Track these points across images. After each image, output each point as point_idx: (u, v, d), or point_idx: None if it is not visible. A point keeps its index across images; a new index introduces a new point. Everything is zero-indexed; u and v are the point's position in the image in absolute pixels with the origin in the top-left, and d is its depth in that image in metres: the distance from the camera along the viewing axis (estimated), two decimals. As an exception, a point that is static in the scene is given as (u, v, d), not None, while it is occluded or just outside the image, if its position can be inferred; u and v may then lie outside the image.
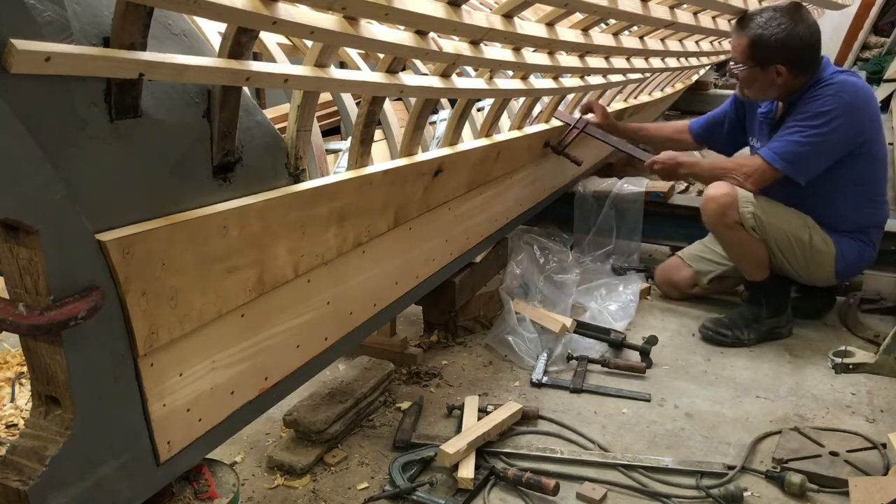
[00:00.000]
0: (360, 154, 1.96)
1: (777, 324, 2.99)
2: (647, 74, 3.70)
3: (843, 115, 2.72)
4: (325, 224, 1.84)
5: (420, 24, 1.70)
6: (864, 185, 2.90)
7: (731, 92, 3.44)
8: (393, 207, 2.12)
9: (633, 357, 2.82)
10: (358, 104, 2.01)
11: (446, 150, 2.34)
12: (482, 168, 2.62)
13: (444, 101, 2.99)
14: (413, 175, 2.17)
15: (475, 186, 2.63)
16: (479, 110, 3.08)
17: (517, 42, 2.10)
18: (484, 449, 2.23)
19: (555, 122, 3.19)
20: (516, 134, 2.82)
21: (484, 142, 2.58)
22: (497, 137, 2.66)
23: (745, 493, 2.07)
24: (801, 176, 2.80)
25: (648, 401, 2.56)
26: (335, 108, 3.54)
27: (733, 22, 2.85)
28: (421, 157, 2.21)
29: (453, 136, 2.37)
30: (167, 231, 1.38)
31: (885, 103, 7.57)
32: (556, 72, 2.58)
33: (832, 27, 8.61)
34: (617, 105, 3.90)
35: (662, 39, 3.00)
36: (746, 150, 3.26)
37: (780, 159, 2.79)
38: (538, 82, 2.56)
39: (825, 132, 2.73)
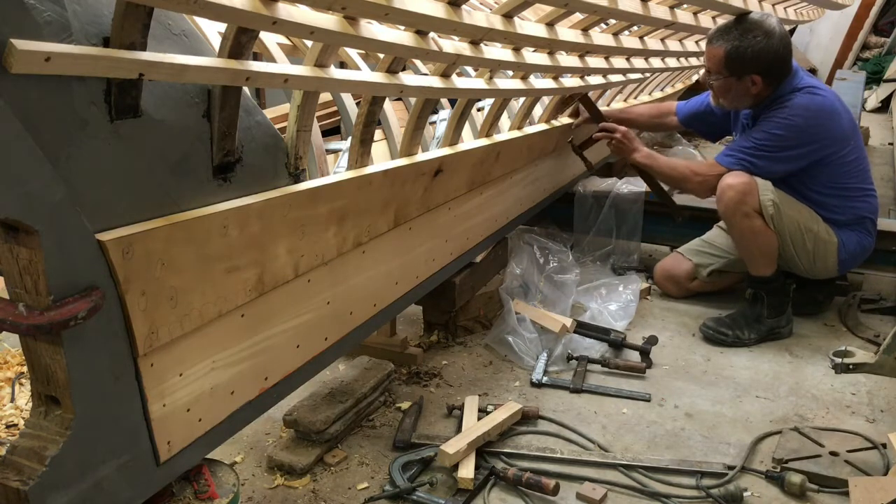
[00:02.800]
0: (360, 154, 1.96)
1: (778, 324, 2.99)
2: (647, 74, 3.70)
3: (792, 138, 2.85)
4: (325, 224, 1.84)
5: (420, 24, 1.70)
6: (846, 184, 2.97)
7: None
8: (393, 207, 2.12)
9: (633, 357, 2.82)
10: (358, 104, 2.01)
11: (446, 150, 2.34)
12: (482, 168, 2.62)
13: (444, 101, 2.99)
14: (413, 175, 2.17)
15: (475, 186, 2.63)
16: (479, 110, 3.08)
17: (517, 42, 2.10)
18: (484, 449, 2.23)
19: (554, 123, 3.19)
20: (516, 134, 2.82)
21: (484, 142, 2.58)
22: (497, 137, 2.66)
23: (745, 493, 2.07)
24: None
25: (648, 401, 2.56)
26: (335, 108, 3.54)
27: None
28: (421, 157, 2.21)
29: (453, 136, 2.37)
30: (167, 231, 1.38)
31: (885, 103, 7.58)
32: (556, 72, 2.58)
33: (832, 27, 8.61)
34: (617, 105, 3.90)
35: (662, 39, 3.00)
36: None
37: (733, 167, 2.93)
38: (538, 82, 2.56)
39: (774, 153, 2.87)
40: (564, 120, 3.31)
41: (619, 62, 2.82)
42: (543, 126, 3.07)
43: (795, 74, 2.89)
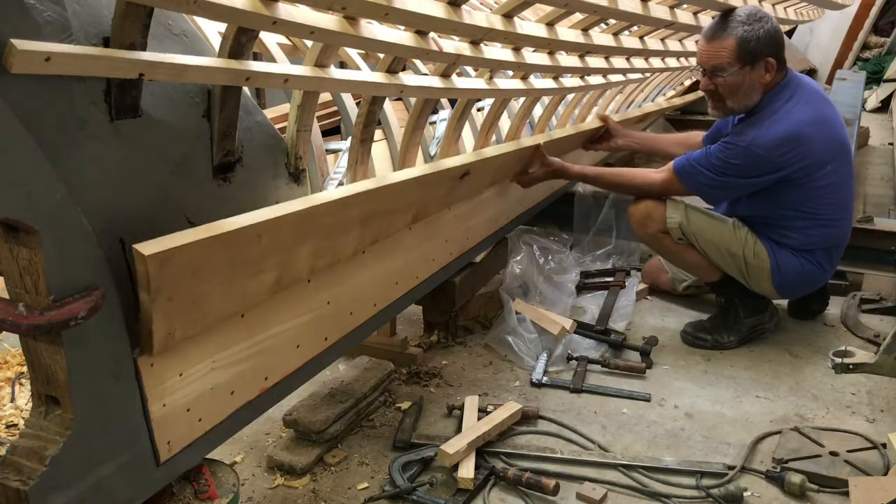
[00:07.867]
0: (360, 154, 1.96)
1: (759, 321, 2.96)
2: (647, 74, 3.70)
3: (750, 167, 2.66)
4: (349, 228, 1.84)
5: (420, 24, 1.70)
6: (807, 209, 2.75)
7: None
8: (413, 210, 2.13)
9: (633, 357, 2.82)
10: (358, 104, 2.01)
11: (472, 157, 2.35)
12: (504, 171, 2.63)
13: (444, 101, 2.99)
14: (443, 179, 2.17)
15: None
16: (479, 110, 3.08)
17: (517, 42, 2.10)
18: (484, 449, 2.23)
19: (582, 127, 3.22)
20: (544, 138, 2.82)
21: (512, 146, 2.59)
22: (524, 142, 2.67)
23: (745, 493, 2.07)
24: (708, 200, 2.94)
25: (648, 401, 2.56)
26: (335, 108, 3.54)
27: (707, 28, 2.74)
28: (451, 161, 2.24)
29: (453, 135, 2.37)
30: (205, 244, 1.37)
31: (886, 103, 7.58)
32: (556, 72, 2.58)
33: (832, 27, 8.61)
34: (632, 113, 3.91)
35: (662, 39, 3.00)
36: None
37: (684, 180, 2.80)
38: (538, 82, 2.56)
39: (723, 180, 2.72)
40: (587, 125, 3.33)
41: (619, 62, 2.82)
42: (571, 131, 3.10)
43: (786, 86, 2.71)
